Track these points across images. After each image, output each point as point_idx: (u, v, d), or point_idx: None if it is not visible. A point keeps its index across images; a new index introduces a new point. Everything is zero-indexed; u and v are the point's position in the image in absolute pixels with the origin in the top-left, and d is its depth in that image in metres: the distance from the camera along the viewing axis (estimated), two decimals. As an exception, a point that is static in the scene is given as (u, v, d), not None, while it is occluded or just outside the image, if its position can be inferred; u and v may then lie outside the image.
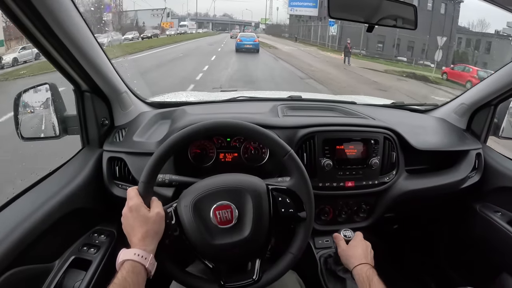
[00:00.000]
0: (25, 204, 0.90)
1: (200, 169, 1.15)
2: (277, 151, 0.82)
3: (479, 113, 1.42)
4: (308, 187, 0.81)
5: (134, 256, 0.68)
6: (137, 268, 0.67)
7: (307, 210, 0.80)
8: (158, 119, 1.29)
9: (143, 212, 0.73)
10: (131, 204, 0.74)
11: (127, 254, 0.69)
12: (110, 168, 1.11)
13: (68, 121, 1.12)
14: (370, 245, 0.98)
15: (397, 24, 0.91)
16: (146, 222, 0.72)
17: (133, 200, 0.74)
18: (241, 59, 15.55)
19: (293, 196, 0.80)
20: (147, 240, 0.71)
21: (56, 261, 0.93)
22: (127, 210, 0.74)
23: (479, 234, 1.33)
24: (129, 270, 0.66)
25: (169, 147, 0.78)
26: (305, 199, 0.81)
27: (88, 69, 1.00)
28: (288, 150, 0.81)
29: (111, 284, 0.63)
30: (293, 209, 0.79)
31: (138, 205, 0.73)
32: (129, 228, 0.73)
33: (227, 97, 1.60)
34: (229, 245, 0.76)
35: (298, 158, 0.82)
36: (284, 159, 0.81)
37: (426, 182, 1.26)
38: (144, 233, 0.71)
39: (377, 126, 1.20)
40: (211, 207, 0.76)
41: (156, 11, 50.37)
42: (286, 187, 0.81)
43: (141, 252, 0.69)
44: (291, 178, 0.83)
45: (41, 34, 0.81)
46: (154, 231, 0.73)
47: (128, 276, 0.65)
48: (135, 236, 0.71)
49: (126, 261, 0.68)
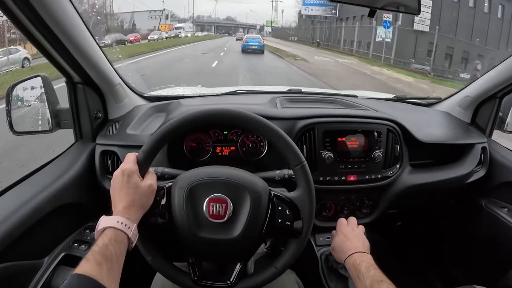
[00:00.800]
0: (13, 198, 0.87)
1: (196, 163, 1.12)
2: (290, 157, 0.77)
3: (483, 106, 1.38)
4: (312, 204, 0.76)
5: (117, 224, 0.64)
6: (120, 236, 0.63)
7: (305, 227, 0.76)
8: (153, 112, 1.26)
9: (135, 180, 0.69)
10: (125, 167, 0.70)
11: (108, 221, 0.64)
12: (102, 162, 1.08)
13: (61, 114, 1.09)
14: (361, 233, 0.94)
15: (400, 9, 0.88)
16: (135, 191, 0.68)
17: (128, 164, 0.71)
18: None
19: (294, 209, 0.75)
20: (132, 210, 0.67)
21: (46, 257, 0.89)
22: (119, 173, 0.70)
23: (485, 231, 1.29)
24: (111, 238, 0.61)
25: (181, 122, 0.75)
26: (306, 215, 0.76)
27: (80, 60, 0.97)
28: (302, 160, 0.76)
29: (91, 250, 0.59)
30: (290, 222, 0.75)
31: (132, 171, 0.70)
32: (116, 192, 0.69)
33: (224, 91, 1.57)
34: (214, 241, 0.72)
35: (309, 172, 0.77)
36: (295, 168, 0.76)
37: (430, 177, 1.22)
38: (131, 202, 0.67)
39: (380, 117, 1.17)
40: (206, 197, 0.72)
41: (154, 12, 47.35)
42: (289, 199, 0.76)
43: (124, 220, 0.65)
44: (297, 190, 0.78)
45: (31, 23, 0.79)
46: (141, 202, 0.69)
47: (110, 243, 0.60)
48: (120, 202, 0.67)
49: (107, 228, 0.63)
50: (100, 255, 0.58)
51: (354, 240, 0.90)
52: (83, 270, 0.55)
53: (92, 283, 0.54)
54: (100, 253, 0.58)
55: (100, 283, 0.54)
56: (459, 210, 1.43)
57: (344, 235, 0.93)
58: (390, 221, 1.59)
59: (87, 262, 0.56)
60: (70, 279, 0.54)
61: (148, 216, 0.71)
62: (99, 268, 0.56)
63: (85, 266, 0.55)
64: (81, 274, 0.54)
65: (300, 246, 0.77)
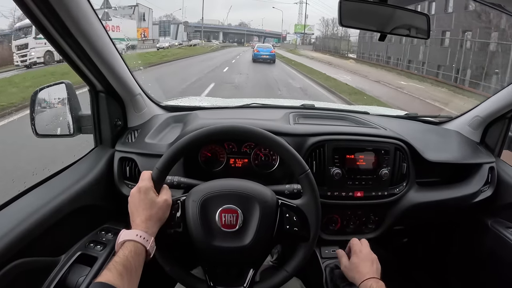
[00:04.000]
0: (35, 198, 0.92)
1: (210, 174, 1.16)
2: (295, 167, 0.82)
3: (493, 126, 1.39)
4: (317, 210, 0.81)
5: (136, 237, 0.68)
6: (139, 249, 0.68)
7: (312, 232, 0.80)
8: (171, 122, 1.31)
9: (151, 196, 0.74)
10: (141, 185, 0.75)
11: (128, 234, 0.69)
12: (121, 168, 1.13)
13: (83, 120, 1.14)
14: (376, 257, 0.95)
15: (411, 33, 0.90)
16: (152, 206, 0.73)
17: (144, 182, 0.76)
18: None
19: (301, 216, 0.80)
20: (149, 224, 0.72)
21: (62, 255, 0.94)
22: (136, 190, 0.75)
23: (491, 251, 1.29)
24: (131, 250, 0.66)
25: (191, 140, 0.80)
26: (312, 221, 0.80)
27: (104, 70, 1.02)
28: (306, 169, 0.81)
29: (112, 261, 0.63)
30: (298, 228, 0.79)
31: (147, 188, 0.75)
32: (134, 208, 0.74)
33: (240, 104, 1.61)
34: (227, 250, 0.76)
35: (314, 179, 0.82)
36: (300, 177, 0.81)
37: (437, 195, 1.23)
38: (148, 216, 0.72)
39: (388, 136, 1.19)
40: (218, 208, 0.76)
41: (122, 10, 29.27)
42: (296, 205, 0.81)
43: (143, 233, 0.69)
44: (303, 197, 0.82)
45: (59, 34, 0.84)
46: (158, 216, 0.74)
47: (130, 255, 0.65)
48: (138, 217, 0.72)
49: (127, 241, 0.68)
50: (121, 266, 0.62)
51: (371, 264, 0.92)
52: (105, 279, 0.59)
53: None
54: (121, 264, 0.63)
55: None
56: (465, 229, 1.42)
57: (362, 258, 0.94)
58: (397, 238, 1.60)
59: (109, 272, 0.61)
60: (93, 287, 0.58)
61: (165, 228, 0.76)
62: (121, 278, 0.60)
63: (108, 275, 0.60)
64: (104, 282, 0.58)
65: (309, 250, 0.81)
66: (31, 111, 1.09)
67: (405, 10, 0.89)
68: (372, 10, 0.88)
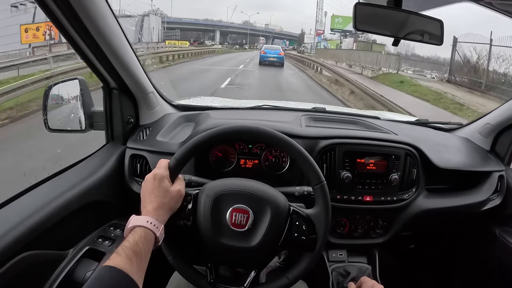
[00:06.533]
0: (45, 191, 0.94)
1: (220, 173, 1.17)
2: (311, 176, 0.82)
3: (504, 134, 1.38)
4: (327, 222, 0.81)
5: (146, 224, 0.68)
6: (149, 235, 0.67)
7: (318, 243, 0.80)
8: (182, 121, 1.32)
9: (165, 184, 0.74)
10: (156, 172, 0.75)
11: (139, 220, 0.69)
12: (131, 165, 1.14)
13: (95, 116, 1.16)
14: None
15: (424, 39, 0.90)
16: (165, 194, 0.73)
17: (161, 169, 0.76)
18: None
19: (310, 225, 0.80)
20: (161, 212, 0.72)
21: (71, 249, 0.95)
22: (151, 177, 0.75)
23: (498, 260, 1.28)
24: (141, 236, 0.66)
25: (212, 135, 0.81)
26: (321, 232, 0.80)
27: (118, 68, 1.04)
28: (322, 180, 0.81)
29: (121, 246, 0.63)
30: (305, 237, 0.79)
31: (163, 176, 0.75)
32: (147, 194, 0.74)
33: (251, 105, 1.62)
34: (233, 248, 0.76)
35: (328, 192, 0.82)
36: (315, 187, 0.81)
37: (446, 202, 1.23)
38: (160, 204, 0.72)
39: (399, 141, 1.18)
40: (230, 207, 0.77)
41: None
42: (307, 215, 0.81)
43: (153, 220, 0.69)
44: (315, 207, 0.82)
45: (75, 31, 0.86)
46: (170, 206, 0.74)
47: (140, 241, 0.65)
48: (150, 203, 0.72)
49: (137, 227, 0.67)
50: (131, 251, 0.62)
51: None
52: (114, 263, 0.59)
53: (123, 276, 0.58)
54: (131, 248, 0.62)
55: (130, 276, 0.58)
56: (473, 237, 1.41)
57: None
58: (404, 243, 1.59)
59: (118, 256, 0.60)
60: (102, 270, 0.58)
61: (174, 218, 0.76)
62: (130, 262, 0.60)
63: (117, 259, 0.59)
64: (112, 266, 0.58)
65: (313, 261, 0.80)
66: (44, 105, 1.10)
67: (419, 15, 0.89)
68: (387, 14, 0.88)
